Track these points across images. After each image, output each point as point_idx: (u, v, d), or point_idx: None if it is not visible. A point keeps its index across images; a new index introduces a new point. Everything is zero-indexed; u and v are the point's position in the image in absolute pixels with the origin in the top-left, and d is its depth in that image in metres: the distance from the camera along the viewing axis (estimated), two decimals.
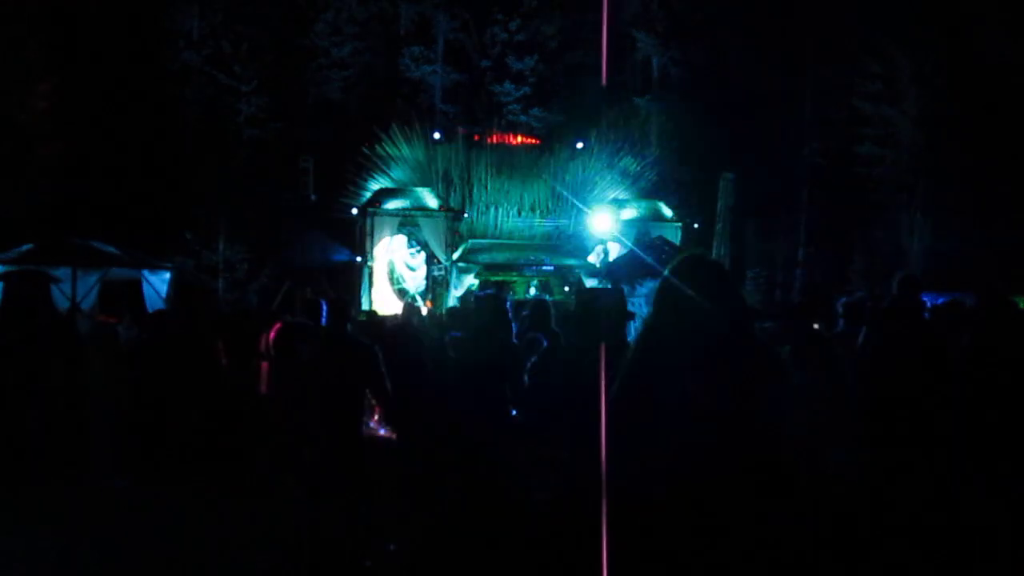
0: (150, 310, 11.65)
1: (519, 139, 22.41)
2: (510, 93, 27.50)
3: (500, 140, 22.27)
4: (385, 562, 5.31)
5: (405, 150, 20.52)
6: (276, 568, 5.16)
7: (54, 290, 11.38)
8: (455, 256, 18.89)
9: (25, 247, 12.12)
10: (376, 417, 5.89)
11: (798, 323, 5.59)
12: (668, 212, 20.51)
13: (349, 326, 5.46)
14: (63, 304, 11.33)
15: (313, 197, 19.48)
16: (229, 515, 6.08)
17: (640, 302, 11.25)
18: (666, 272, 2.33)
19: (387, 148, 20.41)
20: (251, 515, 5.91)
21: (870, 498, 4.65)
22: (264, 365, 8.22)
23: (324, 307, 5.54)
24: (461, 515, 4.92)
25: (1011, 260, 22.26)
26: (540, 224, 21.07)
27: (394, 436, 5.99)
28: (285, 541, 5.18)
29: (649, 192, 21.97)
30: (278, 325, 6.87)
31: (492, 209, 20.83)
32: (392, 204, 18.77)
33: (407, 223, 18.96)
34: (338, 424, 5.09)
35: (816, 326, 7.70)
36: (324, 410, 5.11)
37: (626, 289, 11.40)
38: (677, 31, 27.89)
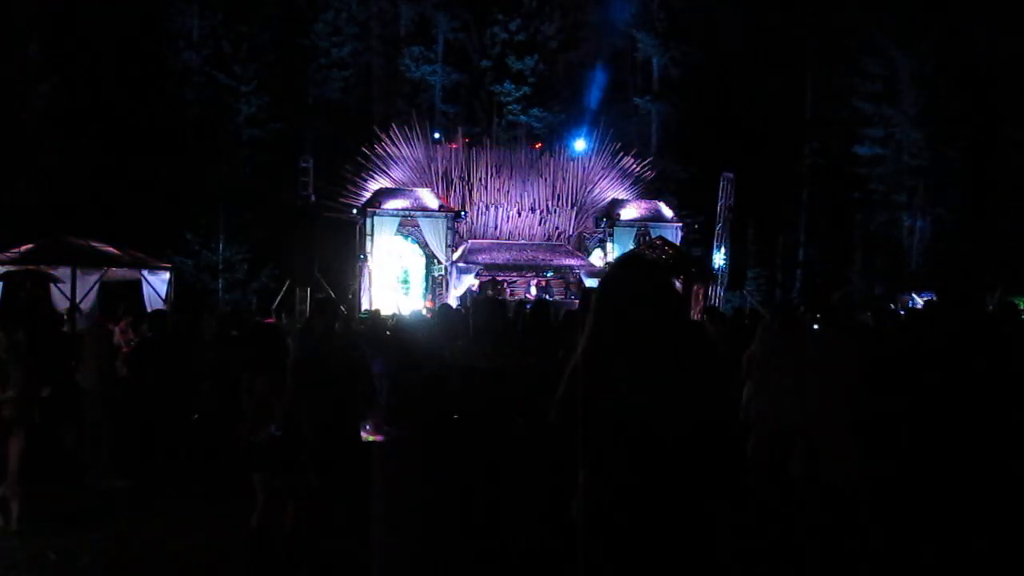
0: (149, 310, 11.64)
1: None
2: (510, 93, 27.51)
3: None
4: (384, 561, 5.31)
5: (405, 150, 20.52)
6: (275, 568, 5.16)
7: (54, 290, 11.40)
8: (455, 256, 18.89)
9: (25, 247, 12.13)
10: (368, 424, 5.89)
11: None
12: (668, 212, 20.50)
13: (338, 325, 5.45)
14: (63, 304, 11.35)
15: (313, 197, 19.47)
16: (229, 515, 6.07)
17: None
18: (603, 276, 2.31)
19: (387, 148, 20.41)
20: (249, 515, 5.90)
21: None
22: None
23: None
24: (459, 516, 4.92)
25: (1010, 260, 22.28)
26: (540, 224, 21.08)
27: (393, 437, 6.00)
28: (283, 540, 5.18)
29: (649, 192, 21.96)
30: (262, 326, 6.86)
31: (492, 209, 20.83)
32: (392, 204, 18.77)
33: (407, 223, 18.97)
34: (329, 421, 5.09)
35: (816, 326, 7.71)
36: (313, 407, 5.10)
37: None
38: (677, 31, 27.90)
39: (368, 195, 19.52)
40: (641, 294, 2.16)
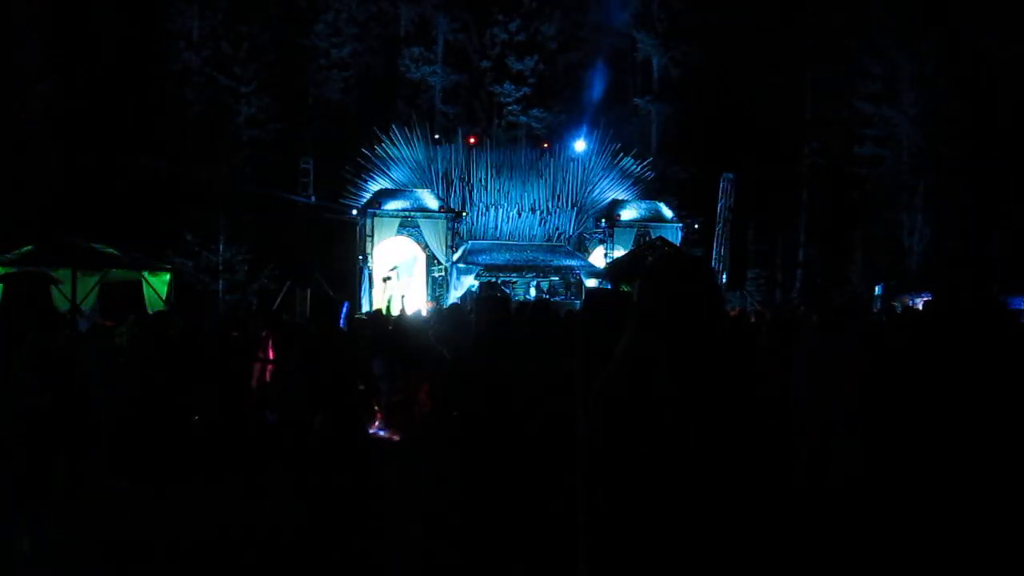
0: (150, 311, 11.65)
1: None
2: (510, 94, 27.51)
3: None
4: (384, 558, 5.32)
5: (405, 151, 20.53)
6: (276, 566, 5.16)
7: (54, 291, 11.40)
8: (455, 257, 18.90)
9: (25, 248, 12.14)
10: (377, 422, 5.91)
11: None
12: (668, 213, 20.51)
13: (342, 323, 5.44)
14: (63, 305, 11.35)
15: (313, 198, 19.48)
16: (231, 515, 6.08)
17: None
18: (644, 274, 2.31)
19: (387, 149, 20.42)
20: (251, 514, 5.91)
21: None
22: (256, 366, 8.24)
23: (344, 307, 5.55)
24: (462, 515, 4.93)
25: (1011, 260, 22.28)
26: (540, 225, 21.09)
27: (395, 437, 6.01)
28: (285, 538, 5.19)
29: (649, 193, 21.98)
30: (272, 327, 6.88)
31: (492, 210, 20.84)
32: (392, 205, 18.78)
33: (407, 224, 18.97)
34: (331, 417, 5.09)
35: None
36: (316, 403, 5.10)
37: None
38: (677, 31, 27.91)
39: (368, 196, 19.53)
40: (690, 290, 2.18)
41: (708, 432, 2.05)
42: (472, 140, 21.38)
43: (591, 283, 18.21)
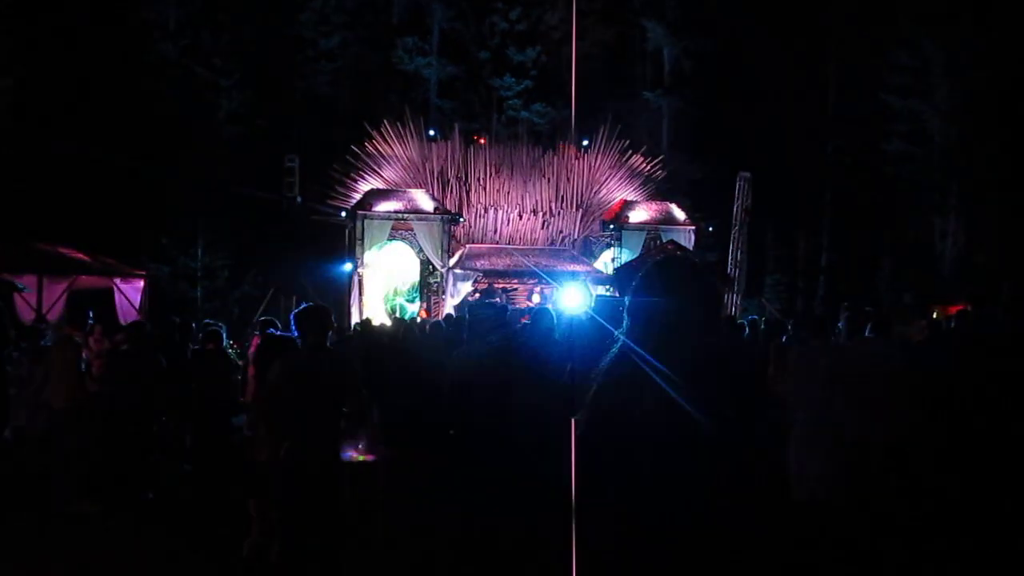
0: (122, 321, 11.60)
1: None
2: (510, 87, 27.54)
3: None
4: None
5: (398, 148, 20.52)
6: None
7: (18, 300, 11.36)
8: (451, 262, 18.87)
9: None
10: (360, 444, 5.88)
11: None
12: (681, 214, 20.50)
13: (331, 335, 5.37)
14: (28, 315, 11.30)
15: (299, 199, 19.46)
16: (204, 543, 6.04)
17: None
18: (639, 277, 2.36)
19: (378, 146, 20.42)
20: (229, 541, 5.87)
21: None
22: (251, 370, 8.18)
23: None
24: (456, 533, 4.93)
25: None
26: (543, 228, 21.06)
27: (377, 457, 6.00)
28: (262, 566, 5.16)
29: (660, 193, 21.96)
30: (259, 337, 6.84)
31: (491, 212, 20.81)
32: (384, 206, 18.75)
33: (400, 227, 18.95)
34: (316, 434, 5.03)
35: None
36: (301, 420, 5.05)
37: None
38: (690, 20, 27.92)
39: (358, 196, 19.51)
40: (686, 293, 2.22)
41: (703, 435, 2.07)
42: (477, 139, 21.45)
43: (598, 290, 18.17)
